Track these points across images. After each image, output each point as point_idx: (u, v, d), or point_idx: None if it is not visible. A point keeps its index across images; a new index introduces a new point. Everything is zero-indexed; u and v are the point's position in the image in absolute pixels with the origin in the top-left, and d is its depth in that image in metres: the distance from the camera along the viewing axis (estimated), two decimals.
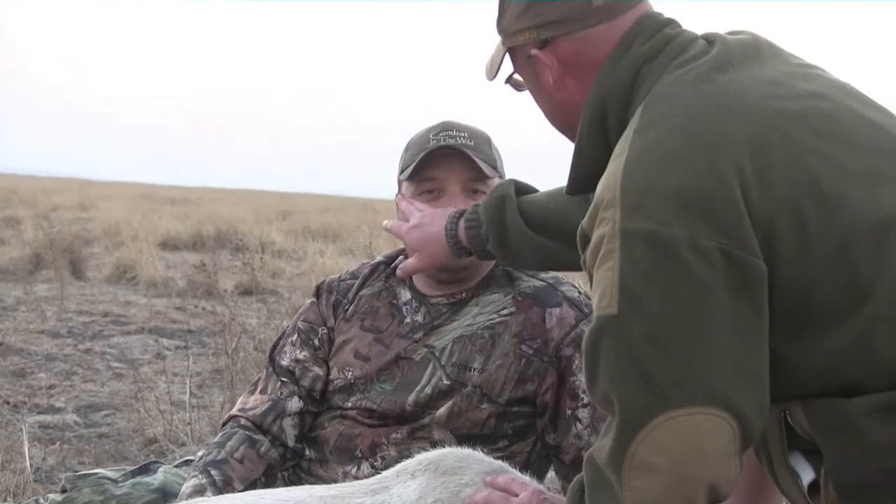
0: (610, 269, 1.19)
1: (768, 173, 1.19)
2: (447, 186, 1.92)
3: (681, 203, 1.17)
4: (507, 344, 1.90)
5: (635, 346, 1.17)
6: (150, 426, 3.73)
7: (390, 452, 1.87)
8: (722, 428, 1.15)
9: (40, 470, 3.27)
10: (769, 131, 1.22)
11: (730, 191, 1.17)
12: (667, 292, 1.16)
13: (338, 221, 14.06)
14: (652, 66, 1.33)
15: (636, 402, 1.17)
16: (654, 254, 1.16)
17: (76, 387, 4.53)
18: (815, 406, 1.22)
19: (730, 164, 1.19)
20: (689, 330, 1.16)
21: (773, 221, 1.18)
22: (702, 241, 1.16)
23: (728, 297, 1.16)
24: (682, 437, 1.15)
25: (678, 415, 1.15)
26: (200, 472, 1.86)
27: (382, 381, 1.93)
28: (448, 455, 1.54)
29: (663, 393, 1.15)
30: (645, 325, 1.16)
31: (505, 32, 1.46)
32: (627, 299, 1.17)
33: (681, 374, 1.15)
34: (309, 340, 2.02)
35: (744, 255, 1.17)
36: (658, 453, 1.16)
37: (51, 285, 7.63)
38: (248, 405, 1.99)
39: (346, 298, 2.04)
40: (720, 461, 1.16)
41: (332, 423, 1.95)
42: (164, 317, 6.47)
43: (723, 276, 1.16)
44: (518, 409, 1.90)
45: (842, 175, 1.22)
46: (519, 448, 1.91)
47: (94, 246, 10.73)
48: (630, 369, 1.17)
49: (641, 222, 1.18)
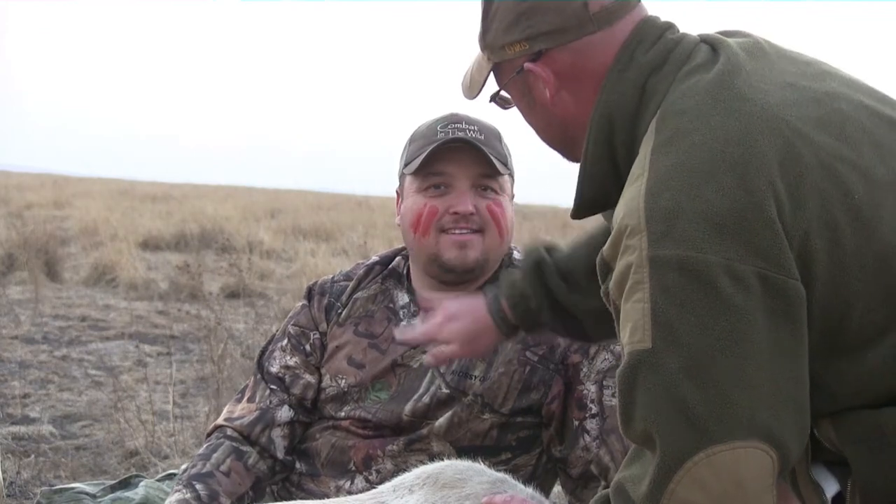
0: (640, 301, 1.18)
1: (799, 188, 1.19)
2: (455, 182, 1.92)
3: (713, 226, 1.16)
4: (511, 350, 1.90)
5: (674, 380, 1.16)
6: (130, 438, 3.73)
7: (386, 465, 1.87)
8: (763, 461, 1.16)
9: (14, 484, 3.27)
10: (795, 140, 1.22)
11: (763, 210, 1.17)
12: (704, 322, 1.16)
13: (330, 220, 14.05)
14: (659, 76, 1.32)
15: (677, 439, 1.17)
16: (688, 282, 1.16)
17: (52, 396, 4.53)
18: (843, 418, 1.23)
19: (761, 180, 1.18)
20: (728, 362, 1.15)
21: (808, 240, 1.18)
22: (738, 266, 1.15)
23: (768, 323, 1.16)
24: (724, 474, 1.16)
25: (720, 450, 1.16)
26: (184, 486, 1.86)
27: (378, 389, 1.93)
28: (447, 468, 1.55)
29: (705, 428, 1.16)
30: (682, 359, 1.16)
31: (491, 47, 1.43)
32: (662, 331, 1.17)
33: (722, 408, 1.16)
34: (300, 346, 2.02)
35: (783, 279, 1.17)
36: (698, 491, 1.16)
37: (24, 288, 7.63)
38: (235, 414, 1.99)
39: (340, 301, 2.04)
40: (759, 495, 1.17)
41: (324, 433, 1.95)
42: (145, 321, 6.47)
43: (761, 302, 1.16)
44: (522, 419, 1.90)
45: (872, 184, 1.23)
46: (523, 461, 1.91)
47: (70, 246, 10.72)
48: (669, 405, 1.17)
49: (672, 248, 1.17)
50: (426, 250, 1.94)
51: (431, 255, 1.94)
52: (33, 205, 16.45)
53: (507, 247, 1.99)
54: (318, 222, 13.56)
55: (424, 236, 1.93)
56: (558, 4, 1.37)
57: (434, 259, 1.94)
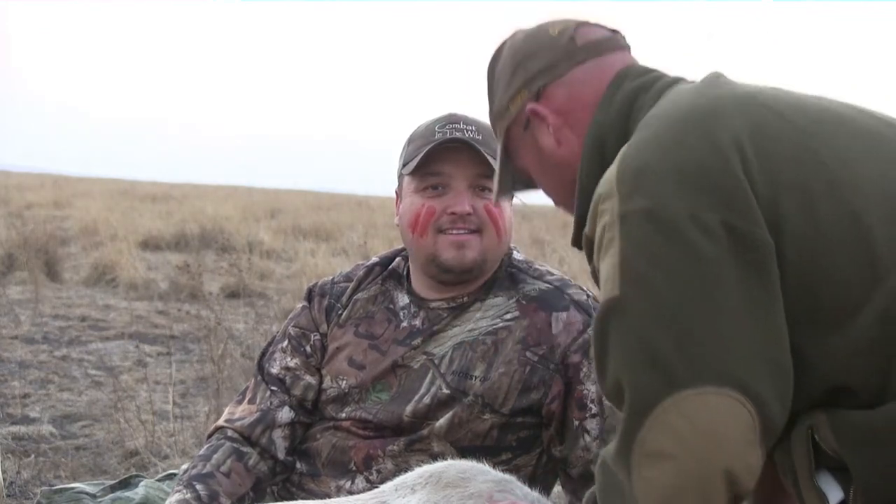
0: (612, 256, 1.22)
1: (770, 155, 1.23)
2: (453, 182, 1.92)
3: (677, 178, 1.21)
4: (511, 350, 1.90)
5: (642, 325, 1.18)
6: (130, 438, 3.73)
7: (386, 465, 1.88)
8: (737, 411, 1.16)
9: (14, 484, 3.27)
10: (767, 114, 1.27)
11: (728, 163, 1.21)
12: (672, 271, 1.18)
13: (330, 220, 14.05)
14: (646, 96, 1.39)
15: (645, 385, 1.17)
16: (655, 231, 1.19)
17: (52, 396, 4.53)
18: (840, 420, 1.22)
19: (727, 139, 1.23)
20: (697, 309, 1.17)
21: (779, 202, 1.21)
22: (703, 214, 1.19)
23: (736, 272, 1.18)
24: (695, 420, 1.15)
25: (689, 395, 1.15)
26: (185, 486, 1.86)
27: (378, 390, 1.93)
28: (450, 468, 1.55)
29: (673, 373, 1.16)
30: (650, 304, 1.18)
31: (499, 114, 1.52)
32: (631, 280, 1.20)
33: (691, 352, 1.16)
34: (300, 347, 2.03)
35: (749, 229, 1.19)
36: (669, 438, 1.16)
37: (25, 288, 7.63)
38: (236, 416, 1.99)
39: (340, 302, 2.04)
40: (737, 447, 1.16)
41: (325, 434, 1.95)
42: (145, 321, 6.47)
43: (728, 251, 1.18)
44: (522, 419, 1.90)
45: (848, 156, 1.25)
46: (523, 461, 1.91)
47: (70, 246, 10.73)
48: (637, 350, 1.18)
49: (639, 202, 1.21)
50: (424, 250, 1.94)
51: (429, 255, 1.94)
52: (33, 205, 16.46)
53: (505, 247, 1.99)
54: (318, 222, 13.57)
55: (422, 237, 1.93)
56: (548, 44, 1.48)
57: (432, 259, 1.94)
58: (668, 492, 1.16)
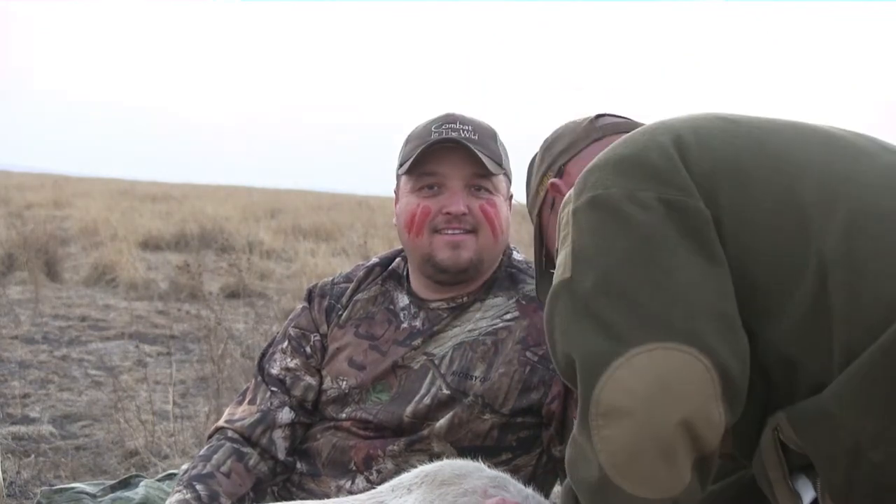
0: (566, 248, 1.28)
1: (708, 139, 1.29)
2: (448, 182, 1.93)
3: (616, 168, 1.29)
4: (511, 351, 1.91)
5: (589, 297, 1.22)
6: (130, 438, 3.74)
7: (386, 465, 1.88)
8: (690, 363, 1.17)
9: (14, 484, 3.27)
10: (713, 118, 1.34)
11: (664, 150, 1.28)
12: (611, 242, 1.24)
13: (330, 220, 14.05)
14: None
15: (594, 349, 1.20)
16: (596, 214, 1.26)
17: (52, 396, 4.53)
18: (796, 412, 1.22)
19: (668, 137, 1.30)
20: (637, 271, 1.21)
21: (714, 176, 1.26)
22: (639, 193, 1.25)
23: (674, 236, 1.22)
24: (645, 375, 1.17)
25: (637, 353, 1.18)
26: (185, 486, 1.87)
27: (378, 390, 1.94)
28: (446, 466, 1.55)
29: (620, 336, 1.19)
30: (595, 277, 1.23)
31: (532, 201, 1.68)
32: (578, 261, 1.25)
33: (638, 314, 1.19)
34: (300, 348, 2.03)
35: (683, 199, 1.24)
36: (623, 395, 1.17)
37: (24, 288, 7.63)
38: (236, 416, 2.00)
39: (340, 303, 2.04)
40: (694, 400, 1.17)
41: (325, 434, 1.95)
42: (145, 321, 6.47)
43: (665, 219, 1.23)
44: (522, 419, 1.90)
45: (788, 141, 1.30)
46: (523, 461, 1.91)
47: (70, 246, 10.73)
48: (585, 320, 1.22)
49: (585, 195, 1.28)
50: (420, 250, 1.95)
51: (425, 255, 1.94)
52: (33, 205, 16.45)
53: (502, 246, 1.99)
54: (318, 222, 13.57)
55: (418, 236, 1.94)
56: (572, 128, 1.66)
57: (428, 259, 1.94)
58: (628, 448, 1.18)
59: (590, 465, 1.21)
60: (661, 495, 1.18)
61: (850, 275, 1.18)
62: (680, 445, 1.17)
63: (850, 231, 1.20)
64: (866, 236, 1.20)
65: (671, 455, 1.17)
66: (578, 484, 1.24)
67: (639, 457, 1.17)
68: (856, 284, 1.18)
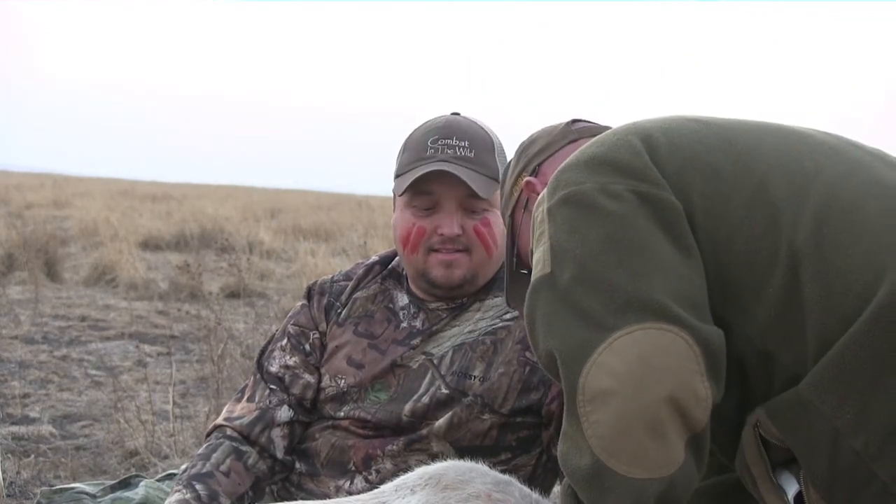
0: (543, 244, 1.30)
1: (678, 138, 1.31)
2: (443, 202, 1.93)
3: (588, 165, 1.31)
4: (510, 350, 1.90)
5: (567, 290, 1.24)
6: (130, 438, 3.73)
7: (385, 465, 1.87)
8: (671, 339, 1.19)
9: (14, 484, 3.27)
10: (683, 119, 1.36)
11: (634, 148, 1.31)
12: (586, 233, 1.26)
13: (330, 219, 14.07)
14: None
15: (577, 339, 1.21)
16: (571, 209, 1.29)
17: (52, 396, 4.53)
18: (775, 406, 1.23)
19: (638, 137, 1.33)
20: (613, 260, 1.23)
21: (685, 173, 1.28)
22: (611, 186, 1.28)
23: (647, 224, 1.24)
24: (626, 355, 1.19)
25: (618, 336, 1.20)
26: (184, 486, 1.86)
27: (377, 389, 1.93)
28: (449, 469, 1.54)
29: (601, 321, 1.21)
30: (573, 269, 1.25)
31: (506, 202, 1.67)
32: (556, 255, 1.27)
33: (615, 299, 1.21)
34: (299, 345, 2.02)
35: (655, 191, 1.26)
36: (607, 377, 1.19)
37: (24, 288, 7.63)
38: (235, 414, 1.99)
39: (339, 301, 2.04)
40: (678, 375, 1.18)
41: (324, 433, 1.95)
42: (145, 321, 6.47)
43: (637, 209, 1.25)
44: (522, 419, 1.90)
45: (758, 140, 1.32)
46: (523, 461, 1.91)
47: (70, 246, 10.74)
48: (566, 311, 1.23)
49: (559, 194, 1.31)
50: (414, 266, 1.96)
51: (419, 270, 1.95)
52: (33, 205, 16.47)
53: (498, 259, 1.98)
54: (318, 222, 13.58)
55: (413, 253, 1.95)
56: (548, 130, 1.67)
57: (422, 275, 1.95)
58: (617, 426, 1.18)
59: (582, 454, 1.21)
60: (654, 474, 1.19)
61: (821, 266, 1.20)
62: (669, 421, 1.18)
63: (821, 224, 1.22)
64: (836, 229, 1.22)
65: (660, 431, 1.18)
66: (573, 475, 1.24)
67: (628, 434, 1.18)
68: (827, 275, 1.20)
